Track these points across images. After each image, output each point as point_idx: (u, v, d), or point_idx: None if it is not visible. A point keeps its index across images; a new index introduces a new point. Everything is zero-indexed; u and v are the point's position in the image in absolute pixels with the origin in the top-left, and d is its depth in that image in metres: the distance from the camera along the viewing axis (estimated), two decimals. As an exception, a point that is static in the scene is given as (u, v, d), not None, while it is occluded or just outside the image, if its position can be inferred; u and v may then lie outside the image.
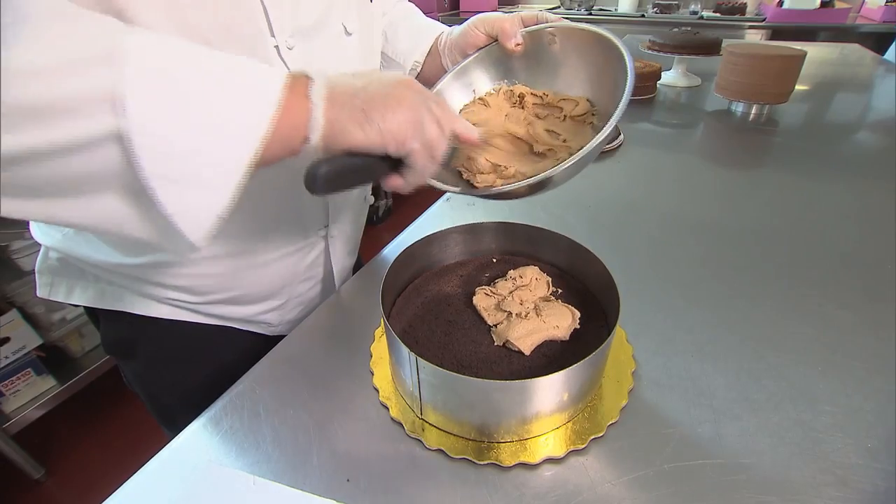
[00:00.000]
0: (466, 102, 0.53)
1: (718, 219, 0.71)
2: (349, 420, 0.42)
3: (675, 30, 1.38)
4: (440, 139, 0.37)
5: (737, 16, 2.48)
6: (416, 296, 0.50)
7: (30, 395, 1.22)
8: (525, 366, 0.41)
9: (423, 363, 0.36)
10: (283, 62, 0.43)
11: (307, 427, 0.41)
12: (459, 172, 0.47)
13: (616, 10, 2.70)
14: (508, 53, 0.51)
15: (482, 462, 0.38)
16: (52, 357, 1.28)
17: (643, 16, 2.59)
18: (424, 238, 0.51)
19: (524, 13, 0.51)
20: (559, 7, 2.83)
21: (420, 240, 0.51)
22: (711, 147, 1.00)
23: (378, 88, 0.34)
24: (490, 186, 0.44)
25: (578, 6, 2.75)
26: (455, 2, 2.96)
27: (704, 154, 0.96)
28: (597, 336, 0.44)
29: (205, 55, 0.30)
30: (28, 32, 0.24)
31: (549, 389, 0.37)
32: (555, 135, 0.47)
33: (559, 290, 0.49)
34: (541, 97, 0.50)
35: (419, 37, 0.59)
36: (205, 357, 0.57)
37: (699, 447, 0.39)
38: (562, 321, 0.44)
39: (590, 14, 2.67)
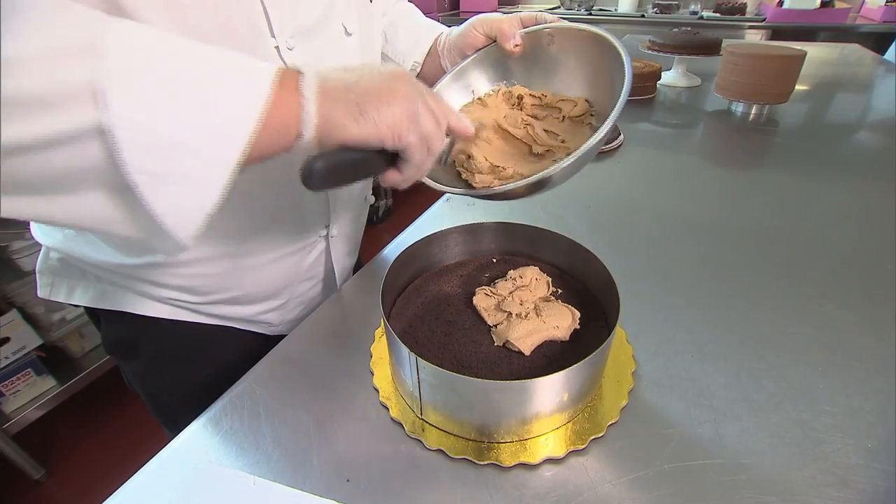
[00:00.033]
0: (465, 103, 0.53)
1: (718, 219, 0.71)
2: (349, 420, 0.42)
3: (675, 30, 1.39)
4: (437, 132, 0.36)
5: (737, 16, 2.48)
6: (416, 296, 0.50)
7: (30, 396, 1.22)
8: (525, 366, 0.41)
9: (423, 363, 0.36)
10: (284, 62, 0.43)
11: (307, 427, 0.41)
12: (458, 173, 0.47)
13: (616, 11, 2.71)
14: (507, 54, 0.51)
15: (482, 462, 0.38)
16: (53, 357, 1.28)
17: (643, 16, 2.59)
18: (424, 238, 0.51)
19: (523, 14, 0.51)
20: (559, 7, 2.83)
21: (420, 240, 0.51)
22: (711, 147, 1.00)
23: (372, 82, 0.33)
24: (488, 187, 0.44)
25: (578, 6, 2.76)
26: (455, 2, 2.96)
27: (704, 154, 0.96)
28: (597, 336, 0.44)
29: (193, 48, 0.29)
30: (16, 23, 0.24)
31: (549, 390, 0.37)
32: (553, 135, 0.47)
33: (559, 291, 0.49)
34: (539, 98, 0.50)
35: (419, 37, 0.59)
36: (205, 357, 0.57)
37: (699, 447, 0.39)
38: (562, 321, 0.44)
39: (590, 14, 2.68)
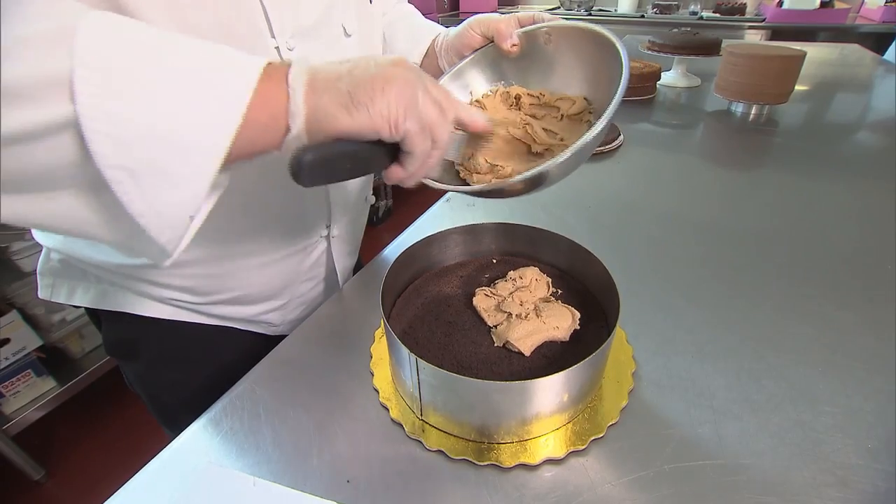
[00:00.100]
0: None
1: (718, 219, 0.71)
2: (349, 421, 0.42)
3: (675, 30, 1.39)
4: (440, 121, 0.34)
5: (736, 16, 2.48)
6: (416, 297, 0.50)
7: (30, 397, 1.22)
8: (525, 367, 0.41)
9: (423, 364, 0.36)
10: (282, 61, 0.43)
11: (307, 428, 0.41)
12: (457, 172, 0.47)
13: (616, 11, 2.71)
14: (505, 54, 0.51)
15: (482, 463, 0.38)
16: (53, 358, 1.28)
17: (643, 16, 2.60)
18: (424, 239, 0.51)
19: (520, 14, 0.51)
20: (559, 8, 2.83)
21: (420, 241, 0.51)
22: (711, 147, 1.00)
23: (366, 70, 0.31)
24: (486, 184, 0.43)
25: (578, 7, 2.76)
26: (455, 3, 2.96)
27: (704, 154, 0.96)
28: (597, 337, 0.44)
29: (178, 40, 0.28)
30: (10, 12, 0.23)
31: (549, 390, 0.37)
32: (552, 134, 0.47)
33: (559, 291, 0.49)
34: (537, 97, 0.50)
35: (416, 38, 0.59)
36: (206, 357, 0.57)
37: (699, 448, 0.39)
38: (562, 322, 0.44)
39: (589, 14, 2.68)
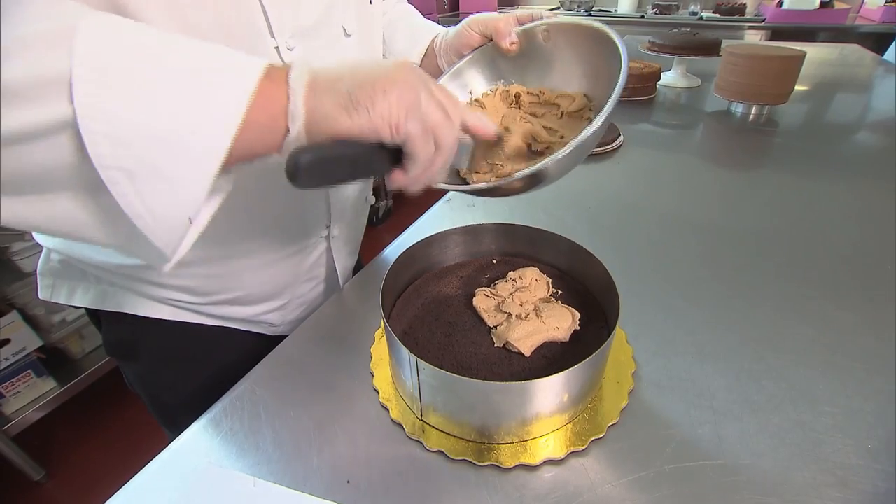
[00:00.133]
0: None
1: (718, 219, 0.71)
2: (350, 421, 0.42)
3: (675, 30, 1.39)
4: (445, 125, 0.33)
5: (736, 16, 2.48)
6: (417, 297, 0.50)
7: (30, 397, 1.23)
8: (525, 367, 0.41)
9: (424, 365, 0.36)
10: (283, 63, 0.43)
11: (307, 428, 0.41)
12: (457, 171, 0.47)
13: (615, 11, 2.71)
14: (504, 53, 0.50)
15: (482, 463, 0.38)
16: (53, 359, 1.28)
17: (643, 17, 2.60)
18: (424, 239, 0.51)
19: (519, 12, 0.50)
20: (559, 8, 2.83)
21: (420, 241, 0.51)
22: (711, 148, 1.00)
23: (368, 72, 0.31)
24: (486, 182, 0.43)
25: (578, 7, 2.76)
26: (455, 3, 2.96)
27: (704, 155, 0.96)
28: (597, 337, 0.44)
29: (178, 41, 0.27)
30: (10, 13, 0.23)
31: (550, 391, 0.37)
32: (552, 132, 0.46)
33: (559, 292, 0.49)
34: (537, 95, 0.50)
35: (415, 38, 0.59)
36: (206, 358, 0.57)
37: (699, 448, 0.39)
38: (562, 322, 0.44)
39: (589, 15, 2.68)
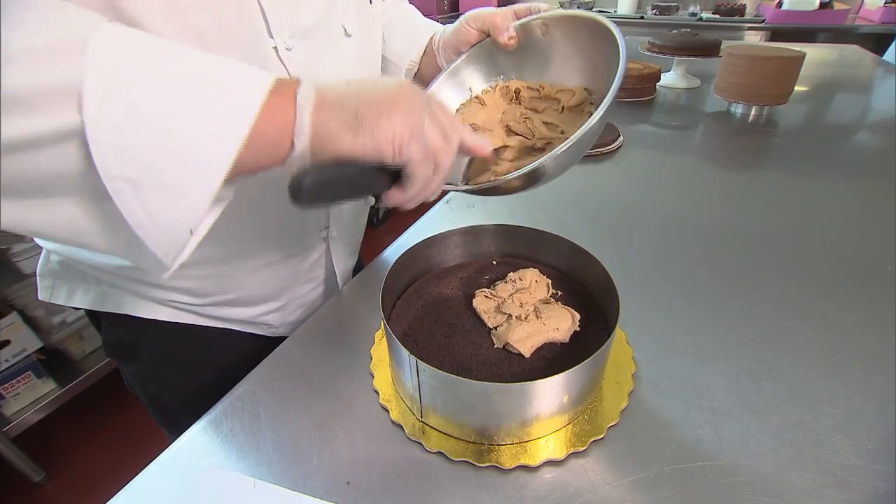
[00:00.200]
0: (463, 102, 0.52)
1: (718, 220, 0.71)
2: (350, 422, 0.42)
3: (675, 31, 1.39)
4: (444, 148, 0.34)
5: (736, 17, 2.49)
6: (416, 298, 0.50)
7: (30, 398, 1.23)
8: (525, 368, 0.41)
9: (424, 366, 0.36)
10: (282, 63, 0.43)
11: (307, 429, 0.41)
12: (457, 170, 0.47)
13: (615, 12, 2.71)
14: (502, 48, 0.50)
15: (482, 464, 0.38)
16: (53, 360, 1.28)
17: (642, 17, 2.60)
18: (424, 240, 0.51)
19: (516, 6, 0.50)
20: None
21: (420, 242, 0.51)
22: (711, 148, 1.00)
23: (373, 93, 0.31)
24: (485, 182, 0.43)
25: (577, 8, 2.76)
26: (455, 3, 2.97)
27: (704, 155, 0.96)
28: (597, 338, 0.44)
29: (188, 53, 0.28)
30: (11, 19, 0.23)
31: (549, 392, 0.37)
32: (553, 127, 0.46)
33: (559, 293, 0.49)
34: (537, 90, 0.49)
35: (414, 36, 0.59)
36: (206, 359, 0.57)
37: (699, 449, 0.39)
38: (562, 323, 0.44)
39: (589, 16, 2.68)
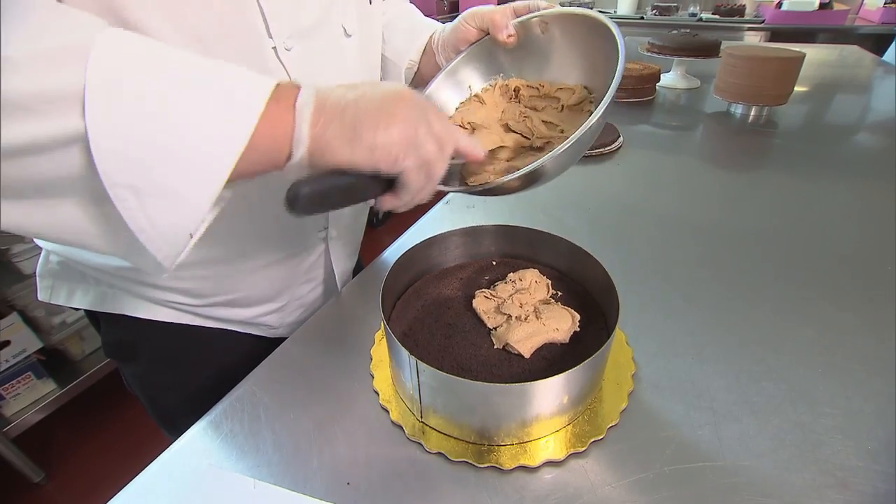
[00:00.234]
0: (462, 101, 0.52)
1: (718, 220, 0.71)
2: (349, 423, 0.42)
3: (674, 32, 1.39)
4: (438, 158, 0.34)
5: (736, 18, 2.49)
6: (416, 299, 0.50)
7: (30, 399, 1.22)
8: (525, 369, 0.41)
9: (423, 366, 0.36)
10: (281, 63, 0.43)
11: (307, 430, 0.41)
12: (456, 171, 0.46)
13: (615, 13, 2.71)
14: (501, 46, 0.50)
15: (482, 465, 0.38)
16: (53, 360, 1.28)
17: (642, 18, 2.60)
18: (424, 241, 0.51)
19: (515, 4, 0.50)
20: (558, 9, 2.84)
21: (420, 243, 0.51)
22: (711, 149, 1.00)
23: (371, 102, 0.31)
24: (483, 183, 0.43)
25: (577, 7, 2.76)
26: (454, 4, 2.97)
27: (704, 156, 0.96)
28: (596, 339, 0.44)
29: (189, 59, 0.28)
30: (12, 24, 0.23)
31: (549, 392, 0.37)
32: (552, 126, 0.46)
33: (559, 293, 0.49)
34: (537, 88, 0.49)
35: (414, 35, 0.59)
36: (205, 359, 0.57)
37: (699, 450, 0.39)
38: (561, 324, 0.44)
39: (589, 16, 2.68)
